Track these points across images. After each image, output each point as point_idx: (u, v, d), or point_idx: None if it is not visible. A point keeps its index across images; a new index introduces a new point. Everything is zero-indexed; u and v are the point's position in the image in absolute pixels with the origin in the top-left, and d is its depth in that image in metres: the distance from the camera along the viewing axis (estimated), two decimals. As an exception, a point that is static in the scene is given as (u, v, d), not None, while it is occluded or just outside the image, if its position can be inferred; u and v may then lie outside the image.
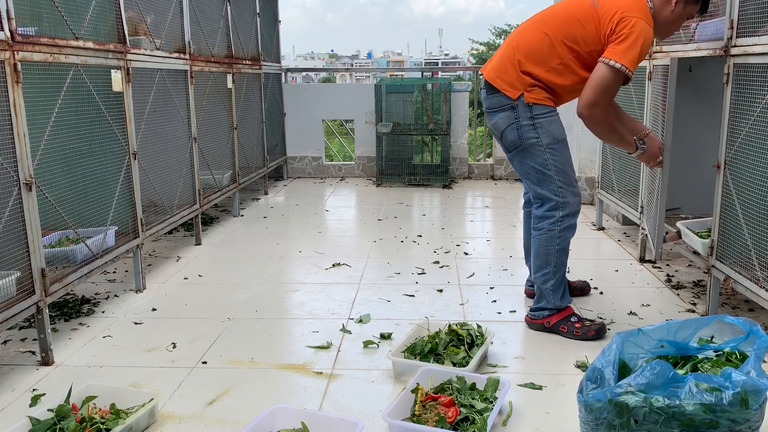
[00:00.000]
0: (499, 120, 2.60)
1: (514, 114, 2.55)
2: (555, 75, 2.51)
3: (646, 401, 1.60)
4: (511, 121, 2.56)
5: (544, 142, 2.53)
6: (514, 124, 2.55)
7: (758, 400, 1.59)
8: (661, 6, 2.51)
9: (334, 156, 8.64)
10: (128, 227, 3.19)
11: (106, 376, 2.33)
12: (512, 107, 2.54)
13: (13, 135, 2.22)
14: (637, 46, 2.38)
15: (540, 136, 2.53)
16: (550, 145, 2.54)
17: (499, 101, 2.58)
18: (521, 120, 2.54)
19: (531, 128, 2.53)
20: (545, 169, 2.55)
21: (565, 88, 2.54)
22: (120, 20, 3.02)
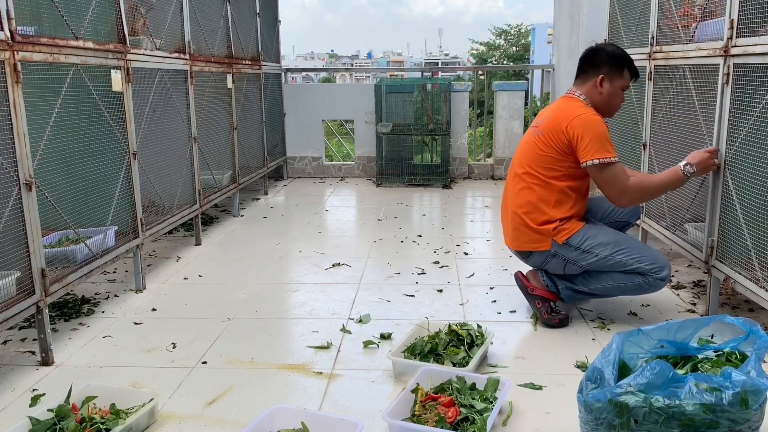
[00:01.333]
0: (553, 268, 2.73)
1: (561, 259, 2.66)
2: (562, 204, 2.63)
3: (646, 401, 1.60)
4: (563, 263, 2.67)
5: (604, 253, 2.59)
6: (569, 263, 2.66)
7: (758, 400, 1.59)
8: (590, 94, 2.70)
9: (334, 156, 8.64)
10: (128, 227, 3.19)
11: (106, 376, 2.33)
12: (554, 255, 2.65)
13: (13, 135, 2.22)
14: (594, 139, 2.53)
15: (597, 252, 2.59)
16: (610, 252, 2.59)
17: (540, 258, 2.70)
18: (570, 258, 2.64)
19: (581, 254, 2.62)
20: (624, 263, 2.59)
21: (576, 205, 2.67)
22: (120, 20, 3.02)
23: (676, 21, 3.13)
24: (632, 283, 2.61)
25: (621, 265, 2.58)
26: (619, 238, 2.63)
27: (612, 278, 2.64)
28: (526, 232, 2.67)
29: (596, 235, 2.61)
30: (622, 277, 2.61)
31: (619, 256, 2.57)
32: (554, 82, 6.59)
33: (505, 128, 6.61)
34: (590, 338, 2.62)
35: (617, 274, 2.62)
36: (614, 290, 2.67)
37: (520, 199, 2.69)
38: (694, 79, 2.96)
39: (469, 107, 6.82)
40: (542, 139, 2.65)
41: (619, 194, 2.57)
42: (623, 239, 2.63)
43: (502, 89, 6.61)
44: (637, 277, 2.59)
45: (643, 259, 2.56)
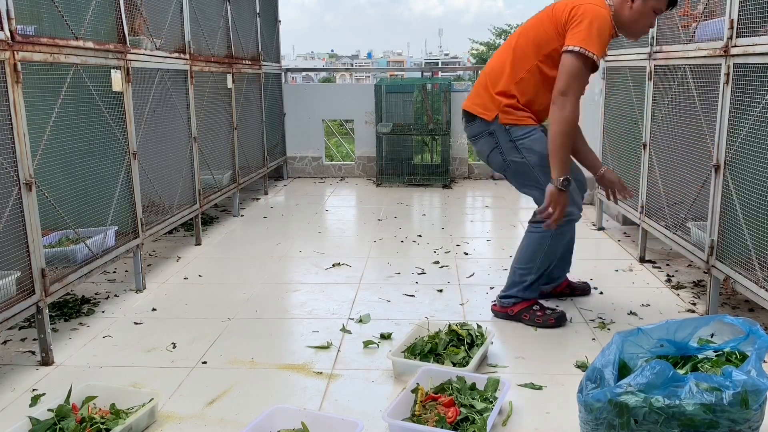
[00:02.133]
0: (481, 147, 2.66)
1: (493, 139, 2.61)
2: (525, 85, 2.54)
3: (646, 401, 1.60)
4: (492, 146, 2.62)
5: (532, 161, 2.56)
6: (496, 149, 2.61)
7: (758, 399, 1.59)
8: (620, 5, 2.50)
9: (334, 156, 8.64)
10: (128, 227, 3.19)
11: (106, 376, 2.33)
12: (490, 133, 2.60)
13: (13, 135, 2.22)
14: (592, 29, 2.38)
15: (525, 157, 2.57)
16: (536, 164, 2.56)
17: (478, 128, 2.64)
18: (502, 144, 2.59)
19: (514, 150, 2.58)
20: (539, 185, 2.59)
21: (540, 96, 2.54)
22: (120, 20, 3.02)
23: (676, 21, 3.13)
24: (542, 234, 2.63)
25: (535, 183, 2.61)
26: None
27: (528, 239, 2.71)
28: (483, 94, 2.63)
29: (536, 143, 2.56)
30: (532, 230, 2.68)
31: (541, 174, 2.54)
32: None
33: (505, 128, 6.60)
34: (590, 338, 2.62)
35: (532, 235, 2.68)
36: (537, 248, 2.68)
37: (494, 62, 2.65)
38: (694, 79, 2.96)
39: (469, 107, 6.81)
40: (548, 14, 2.54)
41: (562, 91, 2.40)
42: None
43: (502, 89, 6.60)
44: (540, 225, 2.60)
45: None
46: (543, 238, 2.66)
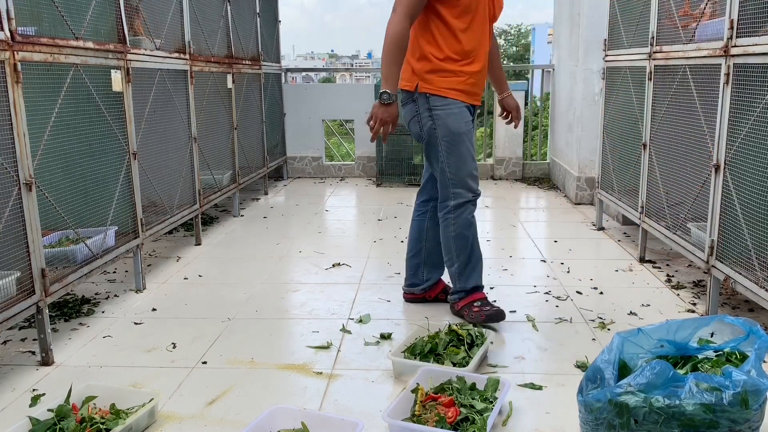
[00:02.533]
0: (405, 113, 2.70)
1: (415, 107, 2.64)
2: (433, 42, 2.55)
3: (646, 401, 1.60)
4: (413, 113, 2.65)
5: (440, 133, 2.61)
6: (416, 117, 2.65)
7: (758, 399, 1.59)
8: None
9: (334, 156, 8.64)
10: (128, 227, 3.19)
11: (106, 376, 2.33)
12: (413, 100, 2.63)
13: (13, 135, 2.22)
14: None
15: (437, 127, 2.60)
16: (444, 137, 2.61)
17: (404, 96, 2.68)
18: (421, 111, 2.62)
19: (429, 119, 2.61)
20: (441, 160, 2.64)
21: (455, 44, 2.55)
22: (120, 20, 3.02)
23: (676, 21, 3.13)
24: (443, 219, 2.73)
25: (436, 158, 2.65)
26: (466, 142, 2.63)
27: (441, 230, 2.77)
28: (406, 66, 2.64)
29: (450, 118, 2.60)
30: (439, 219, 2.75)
31: (444, 150, 2.62)
32: (554, 82, 6.59)
33: (505, 128, 6.61)
34: (590, 338, 2.62)
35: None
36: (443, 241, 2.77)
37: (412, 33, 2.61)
38: (694, 79, 2.96)
39: (469, 107, 6.81)
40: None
41: (393, 8, 2.47)
42: (466, 147, 2.64)
43: (502, 89, 6.59)
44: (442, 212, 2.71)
45: (456, 175, 2.65)
46: (446, 224, 2.74)
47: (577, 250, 3.92)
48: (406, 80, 2.65)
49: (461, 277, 2.76)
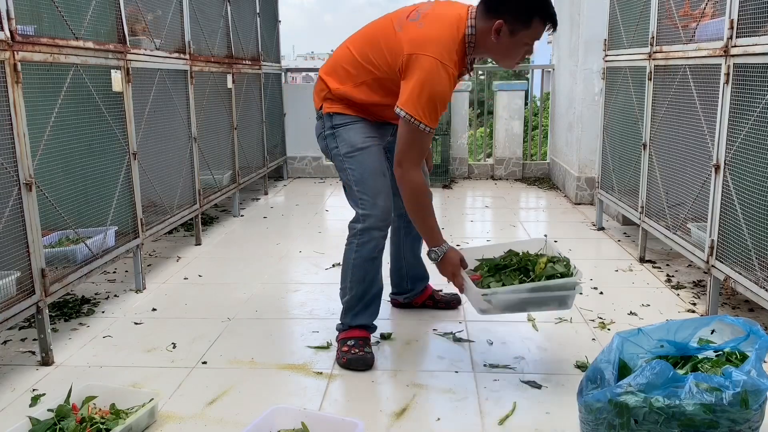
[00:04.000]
0: (315, 129, 2.50)
1: (321, 124, 2.43)
2: (351, 89, 2.31)
3: (646, 401, 1.60)
4: (319, 131, 2.45)
5: (342, 151, 2.35)
6: (322, 134, 2.43)
7: (758, 399, 1.59)
8: (482, 36, 2.17)
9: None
10: (128, 227, 3.19)
11: (106, 376, 2.33)
12: (320, 117, 2.43)
13: (13, 135, 2.22)
14: (423, 93, 2.09)
15: (339, 145, 2.36)
16: (348, 154, 2.34)
17: (317, 112, 2.47)
18: (325, 130, 2.40)
19: (332, 138, 2.38)
20: (347, 179, 2.38)
21: (365, 103, 2.32)
22: (120, 20, 3.02)
23: (676, 21, 3.13)
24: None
25: (345, 176, 2.38)
26: (366, 167, 2.32)
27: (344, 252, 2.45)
28: (318, 83, 2.42)
29: (350, 132, 2.33)
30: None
31: (350, 164, 2.34)
32: (554, 82, 6.59)
33: (505, 128, 6.61)
34: (590, 338, 2.62)
35: None
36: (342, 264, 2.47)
37: (335, 57, 2.38)
38: (694, 79, 2.96)
39: (469, 107, 6.82)
40: (388, 34, 2.22)
41: (397, 162, 2.19)
42: (369, 170, 2.32)
43: (502, 89, 6.61)
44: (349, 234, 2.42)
45: (364, 192, 2.33)
46: (349, 248, 2.42)
47: (577, 250, 3.92)
48: (316, 96, 2.44)
49: (349, 312, 2.45)
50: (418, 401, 2.12)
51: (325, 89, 2.37)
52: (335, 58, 2.38)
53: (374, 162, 2.34)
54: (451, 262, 2.26)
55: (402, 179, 2.21)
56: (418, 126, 2.11)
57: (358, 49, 2.31)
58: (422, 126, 2.11)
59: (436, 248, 2.27)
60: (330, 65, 2.38)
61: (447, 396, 2.16)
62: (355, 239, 2.40)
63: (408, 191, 2.22)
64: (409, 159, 2.18)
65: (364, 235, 2.37)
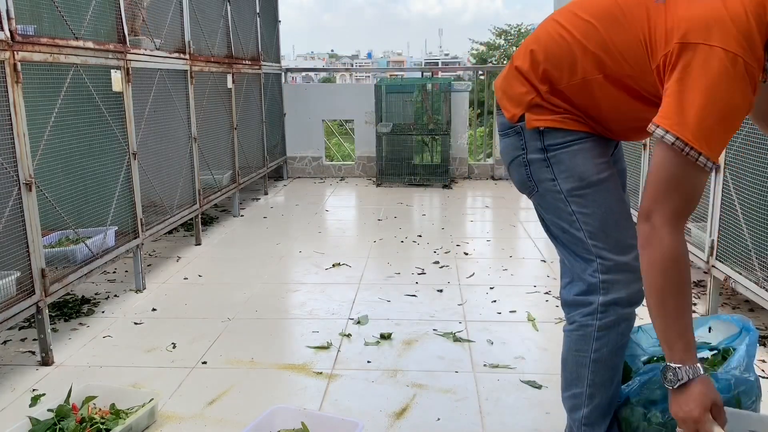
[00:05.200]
0: (503, 149, 1.63)
1: (519, 142, 1.56)
2: (575, 92, 1.48)
3: (646, 417, 1.61)
4: (516, 152, 1.58)
5: (564, 187, 1.52)
6: (521, 158, 1.57)
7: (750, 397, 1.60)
8: None
9: (334, 156, 8.64)
10: (128, 227, 3.19)
11: (106, 376, 2.33)
12: (517, 132, 1.56)
13: (13, 135, 2.22)
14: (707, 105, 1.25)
15: (557, 177, 1.53)
16: (574, 191, 1.51)
17: (503, 123, 1.60)
18: (529, 152, 1.55)
19: (544, 165, 1.54)
20: (571, 227, 1.54)
21: (600, 110, 1.48)
22: (120, 20, 3.02)
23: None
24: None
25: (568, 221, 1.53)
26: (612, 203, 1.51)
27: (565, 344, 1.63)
28: (514, 81, 1.55)
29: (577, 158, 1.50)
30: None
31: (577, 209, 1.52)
32: (554, 82, 6.59)
33: (505, 128, 6.60)
34: (590, 338, 2.62)
35: None
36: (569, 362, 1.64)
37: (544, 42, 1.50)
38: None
39: (469, 107, 6.82)
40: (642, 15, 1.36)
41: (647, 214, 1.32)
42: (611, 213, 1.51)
43: (502, 89, 6.60)
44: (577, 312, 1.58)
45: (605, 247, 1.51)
46: (584, 336, 1.57)
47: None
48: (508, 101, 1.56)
49: (591, 429, 1.63)
50: (418, 401, 2.13)
51: (529, 90, 1.52)
52: (543, 41, 1.51)
53: (616, 200, 1.53)
54: (703, 398, 1.31)
55: (649, 241, 1.32)
56: (693, 158, 1.26)
57: (582, 27, 1.45)
58: (700, 158, 1.26)
59: (680, 366, 1.33)
60: (535, 52, 1.51)
61: (447, 396, 2.16)
62: (594, 320, 1.55)
63: (657, 262, 1.32)
64: (667, 210, 1.30)
65: (609, 312, 1.55)
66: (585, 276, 1.55)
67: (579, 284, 1.57)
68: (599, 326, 1.55)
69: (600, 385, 1.59)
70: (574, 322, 1.59)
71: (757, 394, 1.65)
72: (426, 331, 2.70)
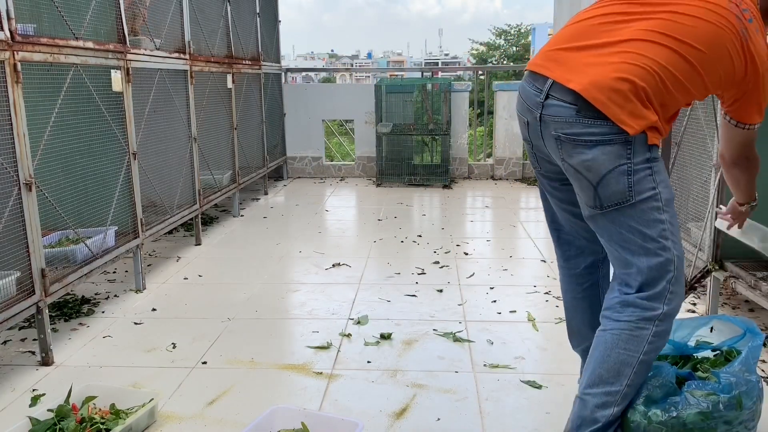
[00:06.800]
0: (600, 157, 1.59)
1: (626, 151, 1.58)
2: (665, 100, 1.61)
3: (646, 416, 1.62)
4: (620, 161, 1.58)
5: (664, 196, 1.61)
6: (626, 166, 1.58)
7: (752, 398, 1.60)
8: None
9: (334, 156, 8.64)
10: (128, 227, 3.19)
11: (106, 376, 2.33)
12: (627, 141, 1.58)
13: (13, 135, 2.22)
14: None
15: (658, 187, 1.60)
16: (668, 201, 1.63)
17: (606, 130, 1.58)
18: (635, 161, 1.58)
19: (647, 174, 1.59)
20: (661, 238, 1.60)
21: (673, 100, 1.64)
22: (120, 20, 3.02)
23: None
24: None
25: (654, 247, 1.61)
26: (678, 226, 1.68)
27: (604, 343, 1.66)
28: (631, 96, 1.55)
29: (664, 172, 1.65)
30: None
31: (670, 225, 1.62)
32: (554, 82, 6.58)
33: (505, 128, 6.61)
34: (590, 338, 2.62)
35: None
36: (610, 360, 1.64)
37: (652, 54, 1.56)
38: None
39: (469, 107, 6.82)
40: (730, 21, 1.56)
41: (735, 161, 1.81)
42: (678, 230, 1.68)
43: (502, 89, 6.61)
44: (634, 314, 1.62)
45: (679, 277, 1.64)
46: (637, 338, 1.62)
47: (577, 250, 3.91)
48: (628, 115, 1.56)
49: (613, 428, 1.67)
50: (418, 401, 2.13)
51: (653, 113, 1.58)
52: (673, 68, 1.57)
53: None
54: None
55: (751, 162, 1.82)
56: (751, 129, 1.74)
57: (696, 54, 1.57)
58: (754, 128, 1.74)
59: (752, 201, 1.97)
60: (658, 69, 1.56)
61: (447, 396, 2.16)
62: (652, 325, 1.62)
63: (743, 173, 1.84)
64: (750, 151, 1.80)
65: (666, 321, 1.63)
66: (659, 285, 1.61)
67: (648, 291, 1.62)
68: (656, 332, 1.61)
69: (635, 386, 1.64)
70: (629, 322, 1.62)
71: (758, 395, 1.65)
72: (426, 331, 2.70)
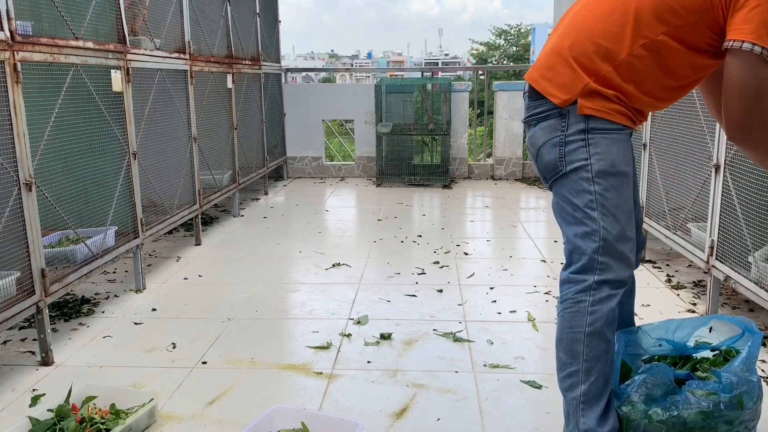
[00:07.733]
0: (537, 132, 1.70)
1: (560, 123, 1.65)
2: (627, 70, 1.58)
3: (646, 414, 1.62)
4: (553, 133, 1.66)
5: (595, 167, 1.62)
6: (558, 138, 1.65)
7: (752, 397, 1.60)
8: None
9: (334, 156, 8.64)
10: (128, 227, 3.19)
11: (106, 376, 2.33)
12: (561, 114, 1.64)
13: (13, 135, 2.22)
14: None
15: (590, 157, 1.62)
16: (602, 172, 1.62)
17: (542, 108, 1.68)
18: (568, 132, 1.64)
19: (580, 145, 1.63)
20: (587, 207, 1.63)
21: (647, 84, 1.61)
22: (120, 20, 3.02)
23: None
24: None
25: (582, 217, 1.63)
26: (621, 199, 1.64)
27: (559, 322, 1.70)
28: (561, 68, 1.63)
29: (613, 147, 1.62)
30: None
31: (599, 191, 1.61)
32: (554, 82, 6.59)
33: (505, 128, 6.61)
34: (590, 338, 2.62)
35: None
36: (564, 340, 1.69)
37: (592, 23, 1.62)
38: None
39: (469, 107, 6.83)
40: None
41: (743, 124, 1.52)
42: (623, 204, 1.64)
43: (502, 89, 6.61)
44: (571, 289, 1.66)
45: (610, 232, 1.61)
46: (577, 311, 1.65)
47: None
48: (556, 88, 1.64)
49: (592, 410, 1.65)
50: (418, 401, 2.13)
51: (582, 76, 1.60)
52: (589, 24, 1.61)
53: (629, 196, 1.67)
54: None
55: (753, 140, 1.55)
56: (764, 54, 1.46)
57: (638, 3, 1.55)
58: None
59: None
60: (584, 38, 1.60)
61: (447, 396, 2.16)
62: (587, 296, 1.64)
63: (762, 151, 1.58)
64: (759, 112, 1.50)
65: (602, 289, 1.63)
66: (585, 255, 1.64)
67: (576, 263, 1.66)
68: (592, 301, 1.64)
69: (595, 359, 1.64)
70: (567, 299, 1.67)
71: (758, 394, 1.65)
72: (426, 331, 2.70)
